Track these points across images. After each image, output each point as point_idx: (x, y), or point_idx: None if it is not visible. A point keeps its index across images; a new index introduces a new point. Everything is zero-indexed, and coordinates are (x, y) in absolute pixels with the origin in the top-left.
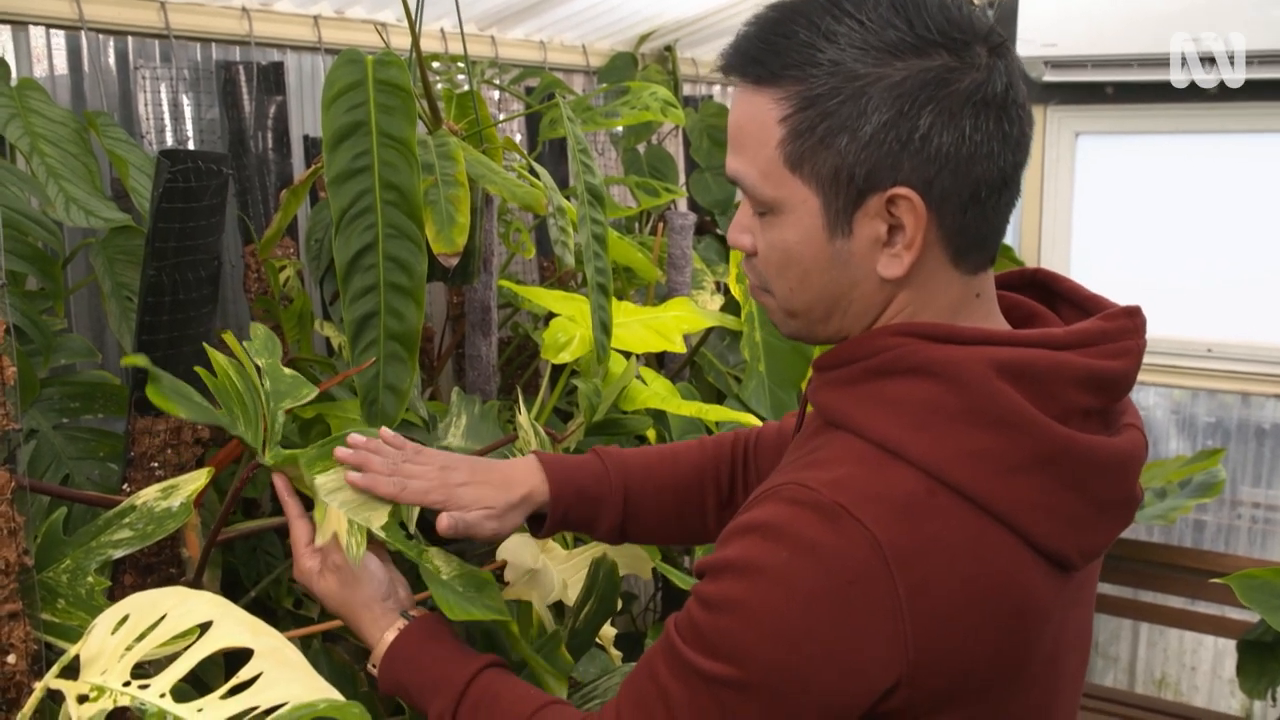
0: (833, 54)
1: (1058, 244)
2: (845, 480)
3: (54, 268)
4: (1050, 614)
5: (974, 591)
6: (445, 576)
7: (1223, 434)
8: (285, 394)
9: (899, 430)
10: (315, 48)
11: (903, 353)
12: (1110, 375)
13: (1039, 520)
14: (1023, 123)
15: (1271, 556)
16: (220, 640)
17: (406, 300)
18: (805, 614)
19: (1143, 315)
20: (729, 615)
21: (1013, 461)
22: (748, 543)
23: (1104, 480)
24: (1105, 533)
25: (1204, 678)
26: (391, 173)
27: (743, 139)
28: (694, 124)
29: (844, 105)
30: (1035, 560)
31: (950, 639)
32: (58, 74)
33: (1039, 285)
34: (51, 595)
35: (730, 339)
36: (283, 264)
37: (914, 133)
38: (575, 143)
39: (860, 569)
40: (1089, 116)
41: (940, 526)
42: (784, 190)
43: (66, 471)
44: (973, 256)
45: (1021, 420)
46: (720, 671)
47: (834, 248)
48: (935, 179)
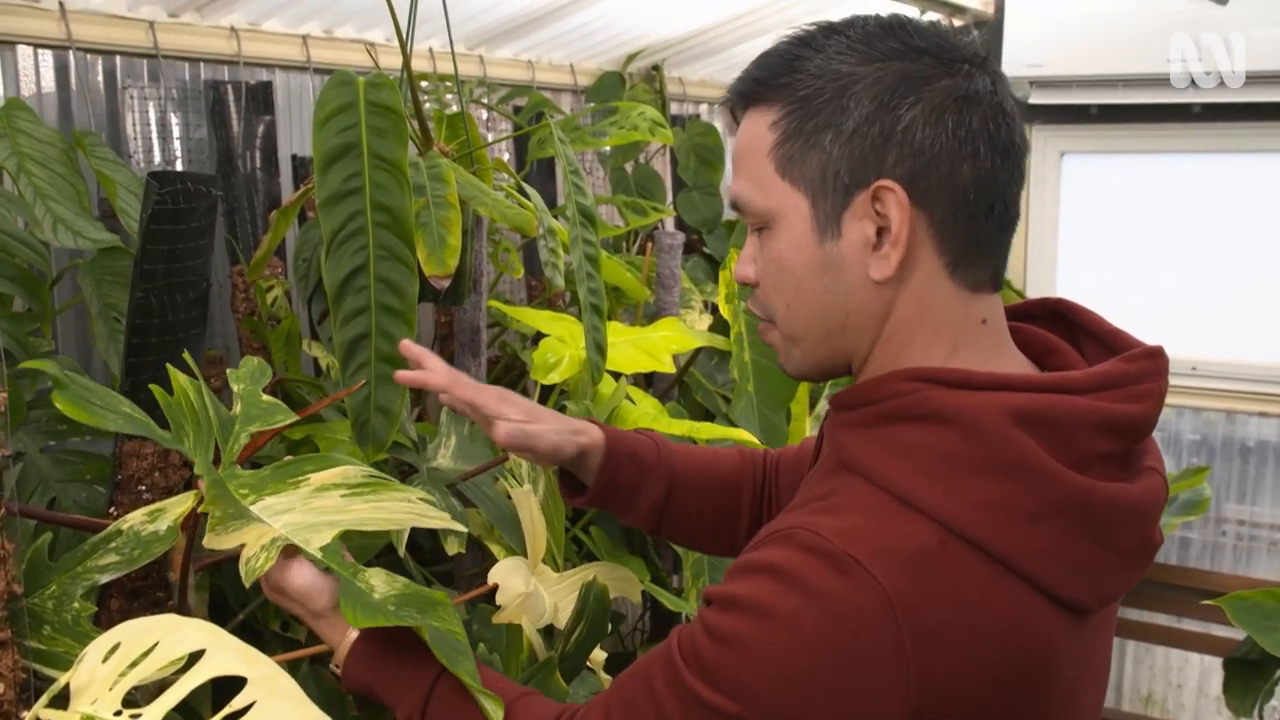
0: (819, 60)
1: (1043, 262)
2: (857, 530)
3: (41, 289)
4: (1064, 661)
5: (983, 644)
6: (378, 596)
7: (1208, 452)
8: (256, 418)
9: (911, 479)
10: (304, 67)
11: (917, 399)
12: (1131, 419)
13: (1054, 569)
14: (1011, 131)
15: (1256, 573)
16: (213, 669)
17: (398, 322)
18: (810, 661)
19: (1165, 357)
20: (734, 652)
21: (1027, 511)
22: (759, 583)
23: (1123, 527)
24: (1123, 579)
25: (1190, 695)
26: (383, 194)
27: (740, 157)
28: (681, 143)
29: (828, 103)
30: (1050, 608)
31: (956, 689)
32: (45, 93)
33: (1059, 317)
34: (38, 622)
35: (719, 359)
36: (270, 284)
37: (896, 125)
38: (566, 164)
39: (868, 620)
40: (1074, 136)
41: (951, 579)
42: (776, 198)
43: (53, 495)
44: (970, 269)
45: (1037, 469)
46: (720, 704)
47: (825, 252)
48: (920, 173)
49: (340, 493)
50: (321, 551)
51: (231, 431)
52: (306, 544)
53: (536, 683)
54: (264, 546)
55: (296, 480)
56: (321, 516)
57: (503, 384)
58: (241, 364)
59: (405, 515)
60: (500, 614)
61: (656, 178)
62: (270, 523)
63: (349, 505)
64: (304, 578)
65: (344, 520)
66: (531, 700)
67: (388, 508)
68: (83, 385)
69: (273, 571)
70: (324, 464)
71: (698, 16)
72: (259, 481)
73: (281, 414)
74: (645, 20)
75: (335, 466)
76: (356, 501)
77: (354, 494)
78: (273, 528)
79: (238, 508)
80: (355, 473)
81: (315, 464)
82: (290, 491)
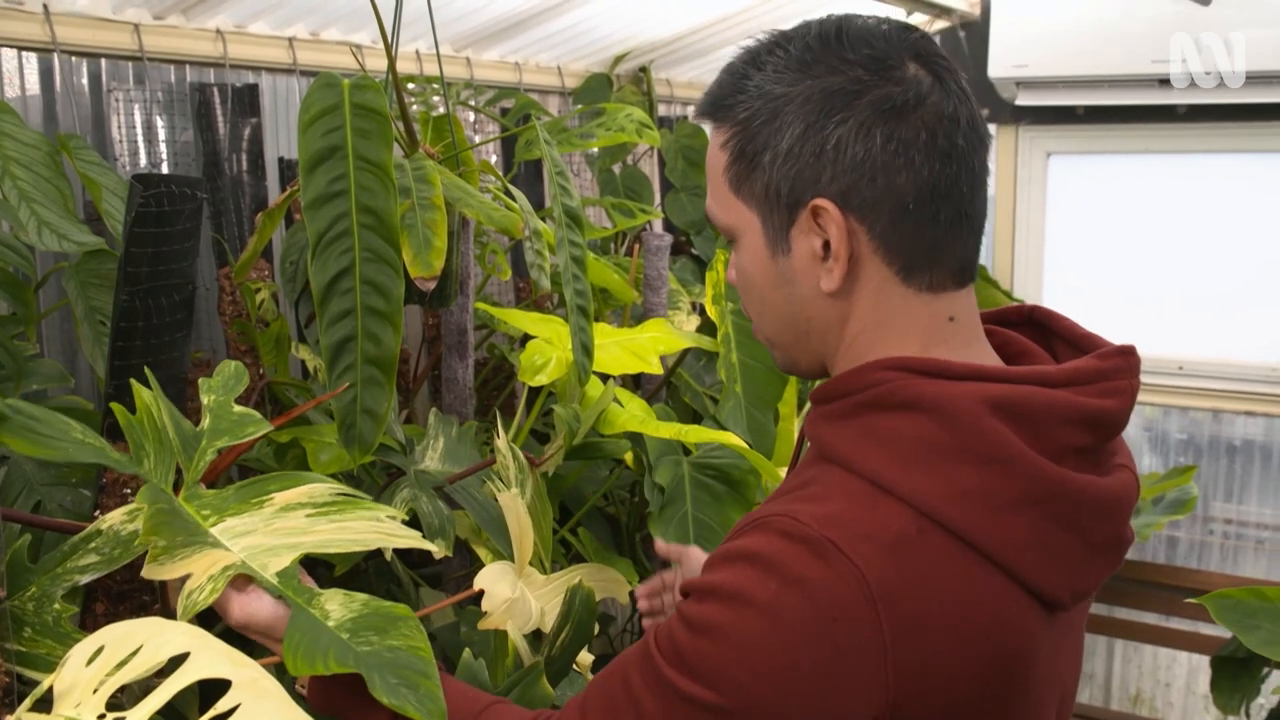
0: (758, 80)
1: (1030, 263)
2: (836, 516)
3: (26, 292)
4: (1038, 654)
5: (960, 632)
6: (332, 622)
7: (1194, 451)
8: (225, 432)
9: (890, 467)
10: (290, 70)
11: (894, 387)
12: (1103, 414)
13: (1029, 559)
14: (954, 135)
15: (1243, 572)
16: (198, 671)
17: (384, 324)
18: (789, 647)
19: (1137, 355)
20: (712, 641)
21: (1004, 499)
22: (737, 571)
23: (1095, 520)
24: (1096, 574)
25: (1178, 694)
26: (368, 197)
27: (708, 174)
28: (669, 145)
29: (765, 125)
30: (1025, 600)
31: (934, 678)
32: (30, 96)
33: (1036, 324)
34: (18, 624)
35: (707, 360)
36: (257, 286)
37: (825, 144)
38: (553, 165)
39: (846, 606)
40: (1060, 137)
41: (929, 566)
42: (733, 215)
43: (38, 499)
44: (924, 273)
45: (1014, 458)
46: (697, 693)
47: (778, 266)
48: (853, 189)
49: (305, 513)
50: (278, 577)
51: (197, 448)
52: (264, 569)
53: (522, 688)
54: (211, 577)
55: (260, 500)
56: (284, 539)
57: (490, 386)
58: (217, 370)
59: (372, 536)
60: (486, 620)
61: (644, 179)
62: (230, 546)
63: (313, 526)
64: (263, 612)
65: (306, 543)
66: (500, 710)
67: (354, 528)
68: (28, 414)
69: (230, 607)
70: (290, 482)
71: (685, 18)
72: (221, 502)
73: (253, 425)
74: (632, 22)
75: (302, 485)
76: (321, 522)
77: (319, 514)
78: (227, 552)
79: (188, 533)
80: (322, 490)
81: (280, 482)
82: (253, 512)
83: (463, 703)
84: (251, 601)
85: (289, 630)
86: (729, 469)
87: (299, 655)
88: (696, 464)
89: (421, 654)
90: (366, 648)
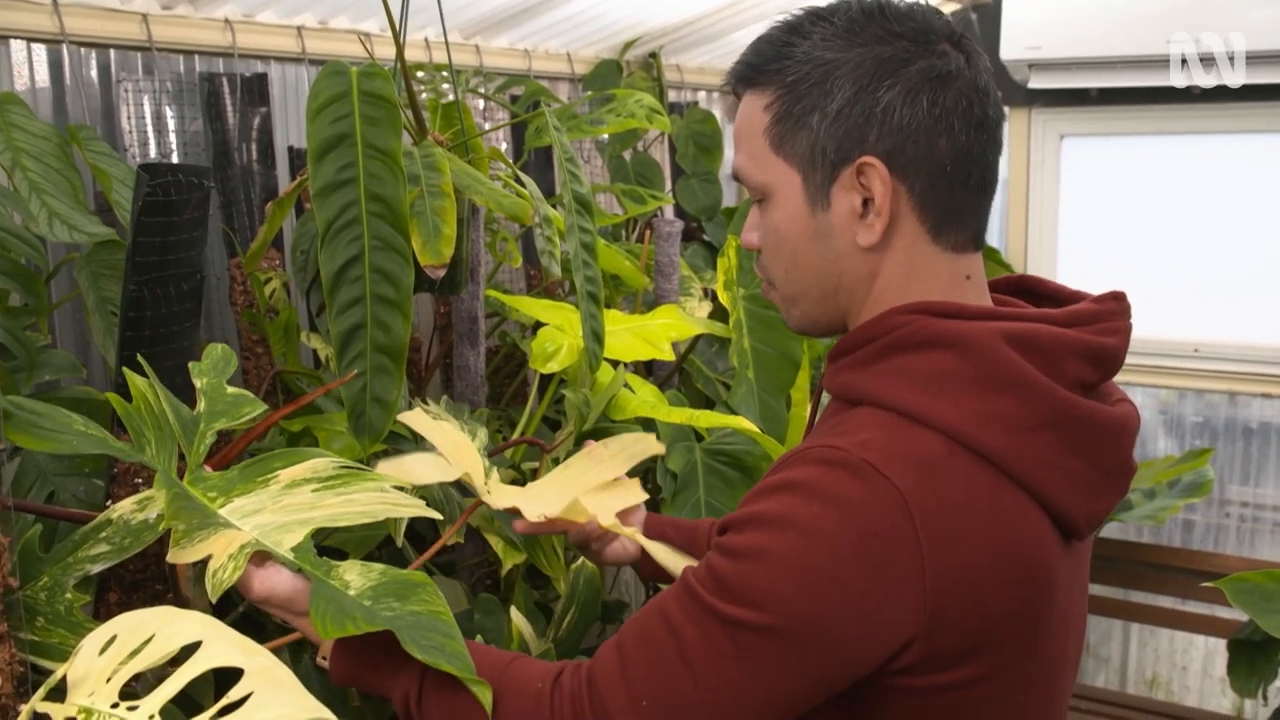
0: (806, 47)
1: (1044, 245)
2: (870, 442)
3: (37, 283)
4: (1059, 580)
5: (992, 550)
6: (353, 591)
7: (1210, 434)
8: (221, 414)
9: (917, 397)
10: (299, 58)
11: (915, 328)
12: (1106, 350)
13: (1052, 479)
14: (986, 106)
15: (1260, 555)
16: (210, 660)
17: (393, 312)
18: (833, 563)
19: (1128, 299)
20: (756, 563)
21: (1026, 422)
22: (777, 499)
23: (1105, 446)
24: (1107, 499)
25: (1195, 677)
26: (377, 184)
27: (739, 137)
28: (680, 130)
29: (814, 88)
30: (1046, 524)
31: (968, 596)
32: (39, 88)
33: (1026, 290)
34: (31, 613)
35: (719, 346)
36: (268, 276)
37: (875, 106)
38: (562, 152)
39: (887, 522)
40: (1073, 119)
41: (961, 484)
42: (771, 173)
43: (51, 489)
44: (952, 232)
45: (1032, 384)
46: (742, 615)
47: (817, 222)
48: (899, 149)
49: (311, 488)
50: (294, 552)
51: (196, 432)
52: (278, 545)
53: None
54: (231, 556)
55: (265, 478)
56: (293, 515)
57: (503, 373)
58: (205, 354)
59: (379, 507)
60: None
61: (655, 165)
62: (240, 525)
63: (320, 500)
64: (283, 585)
65: (315, 517)
66: (523, 663)
67: (360, 500)
68: (30, 410)
69: (251, 583)
70: (293, 459)
71: (695, 3)
72: (227, 483)
73: (248, 405)
74: (642, 7)
75: (305, 460)
76: (328, 496)
77: (325, 488)
78: (242, 532)
79: (202, 516)
80: (325, 465)
81: (284, 459)
82: (259, 491)
83: (488, 659)
84: (271, 575)
85: (313, 599)
86: (742, 454)
87: (328, 620)
88: (709, 450)
89: (443, 617)
90: (389, 613)
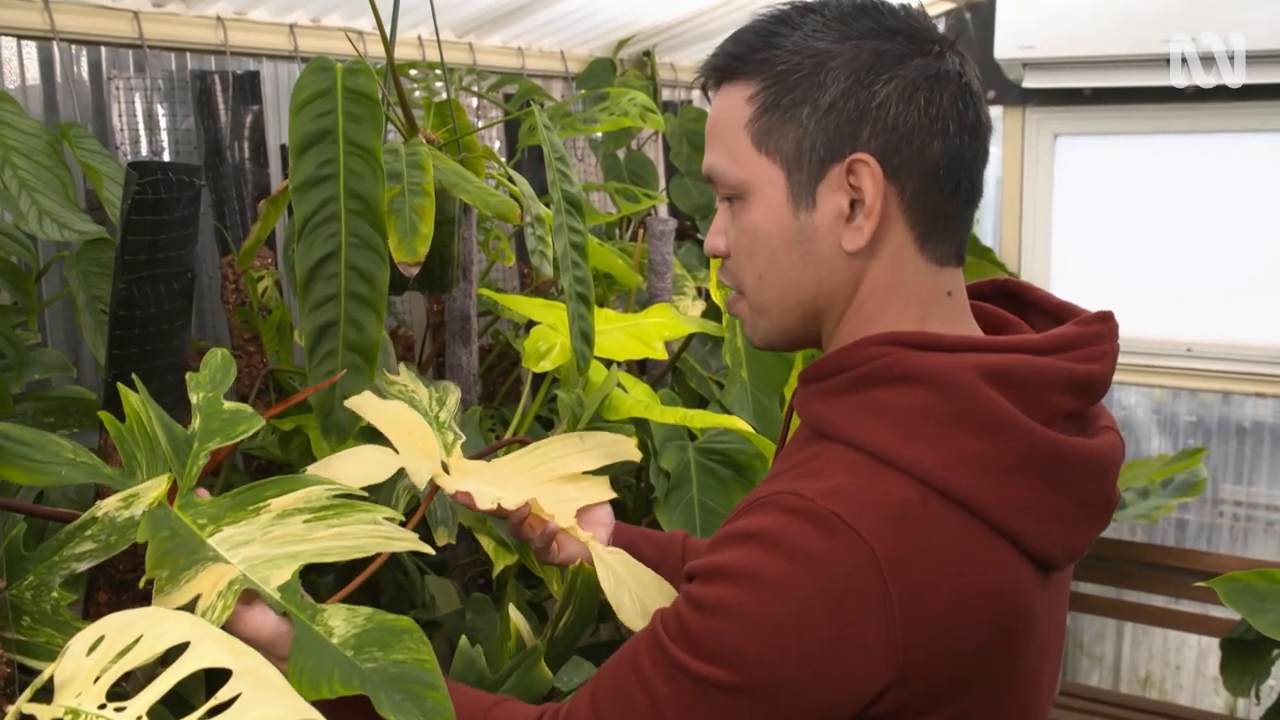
0: (796, 37)
1: (1037, 245)
2: (840, 490)
3: (27, 282)
4: (1036, 616)
5: (965, 597)
6: (336, 639)
7: (1204, 433)
8: (217, 432)
9: (890, 439)
10: (291, 56)
11: (889, 361)
12: (1089, 378)
13: (1028, 522)
14: (978, 110)
15: (1253, 554)
16: (199, 661)
17: (367, 311)
18: (800, 621)
19: (1115, 320)
20: (723, 620)
21: (1002, 465)
22: (744, 550)
23: (1087, 481)
24: (1087, 533)
25: (1188, 676)
26: (357, 181)
27: (714, 131)
28: (673, 129)
29: (805, 79)
30: (1023, 563)
31: (941, 644)
32: (29, 85)
33: (1010, 295)
34: (16, 612)
35: (712, 344)
36: (260, 274)
37: (871, 101)
38: (552, 151)
39: (855, 578)
40: (1067, 118)
41: (933, 534)
42: (751, 170)
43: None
44: (937, 243)
45: (1009, 424)
46: (711, 674)
47: (799, 223)
48: (892, 148)
49: (303, 518)
50: (280, 592)
51: (190, 452)
52: (265, 583)
53: (521, 672)
54: (220, 594)
55: (256, 507)
56: (282, 548)
57: (496, 372)
58: (204, 362)
59: (371, 540)
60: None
61: (649, 164)
62: (229, 557)
63: (311, 533)
64: (267, 628)
65: (305, 551)
66: (506, 709)
67: (352, 533)
68: (18, 439)
69: (233, 624)
70: (287, 486)
71: (688, 2)
72: (219, 510)
73: (245, 423)
74: (636, 6)
75: (298, 489)
76: (319, 528)
77: (317, 519)
78: (231, 566)
79: (189, 554)
80: (319, 494)
81: (277, 487)
82: (250, 520)
83: (467, 704)
84: (256, 617)
85: (294, 652)
86: (735, 454)
87: (304, 679)
88: (702, 449)
89: (427, 666)
90: (371, 664)
